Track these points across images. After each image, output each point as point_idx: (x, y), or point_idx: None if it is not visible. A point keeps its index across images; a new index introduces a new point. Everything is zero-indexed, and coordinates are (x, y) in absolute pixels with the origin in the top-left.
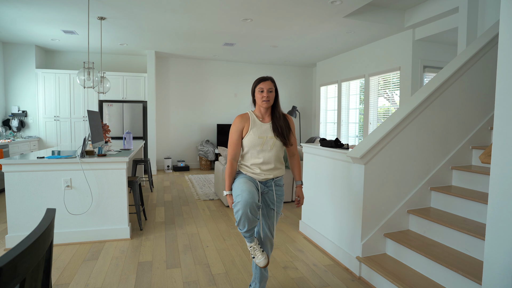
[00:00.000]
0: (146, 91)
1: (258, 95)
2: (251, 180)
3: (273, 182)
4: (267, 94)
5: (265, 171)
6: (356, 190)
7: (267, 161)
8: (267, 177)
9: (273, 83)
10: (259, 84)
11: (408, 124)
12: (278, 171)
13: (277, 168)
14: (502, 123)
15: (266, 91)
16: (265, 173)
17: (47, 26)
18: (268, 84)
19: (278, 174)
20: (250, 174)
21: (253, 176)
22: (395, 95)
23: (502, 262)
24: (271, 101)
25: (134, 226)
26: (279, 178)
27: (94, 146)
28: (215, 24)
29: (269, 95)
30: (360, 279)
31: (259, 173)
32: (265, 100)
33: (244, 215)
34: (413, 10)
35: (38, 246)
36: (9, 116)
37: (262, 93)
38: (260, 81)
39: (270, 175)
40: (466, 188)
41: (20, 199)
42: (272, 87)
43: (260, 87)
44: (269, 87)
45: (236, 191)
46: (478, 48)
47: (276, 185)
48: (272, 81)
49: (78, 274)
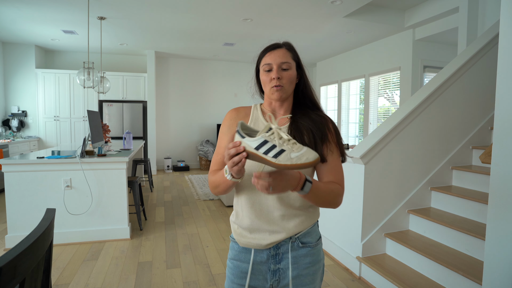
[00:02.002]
0: (146, 91)
1: (265, 77)
2: (251, 270)
3: (291, 244)
4: (278, 74)
5: (272, 224)
6: (356, 190)
7: (274, 204)
8: (276, 238)
9: (291, 52)
10: (265, 56)
11: (408, 124)
12: (300, 219)
13: (296, 215)
14: (502, 123)
15: (277, 68)
16: (270, 231)
17: (47, 26)
18: (280, 56)
19: (301, 227)
20: (247, 241)
21: (253, 245)
22: (395, 95)
23: (503, 262)
24: (287, 87)
25: (134, 226)
26: (304, 232)
27: (94, 146)
28: (215, 24)
29: (283, 76)
30: (360, 279)
31: (259, 232)
32: (275, 86)
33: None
34: (413, 10)
35: (38, 246)
36: (9, 116)
37: (269, 74)
38: (267, 51)
39: (281, 232)
40: (466, 188)
41: (20, 199)
42: (289, 61)
43: (267, 62)
44: (282, 60)
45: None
46: (478, 48)
47: (297, 248)
48: (289, 49)
49: (78, 274)
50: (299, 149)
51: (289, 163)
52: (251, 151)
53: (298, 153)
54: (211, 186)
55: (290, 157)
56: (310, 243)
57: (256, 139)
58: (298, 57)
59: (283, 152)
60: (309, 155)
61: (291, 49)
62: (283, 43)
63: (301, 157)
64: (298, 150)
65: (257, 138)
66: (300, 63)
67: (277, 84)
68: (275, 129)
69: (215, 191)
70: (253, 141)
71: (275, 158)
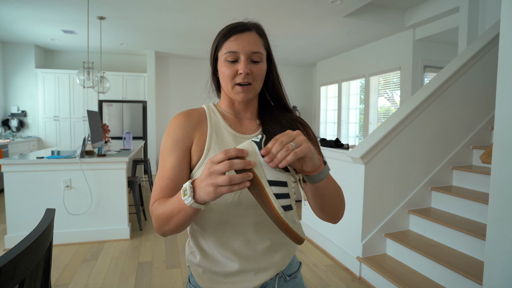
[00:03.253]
0: (146, 91)
1: (226, 69)
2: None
3: (277, 280)
4: (247, 68)
5: (256, 261)
6: (356, 190)
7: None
8: (264, 278)
9: (263, 38)
10: (229, 41)
11: (408, 124)
12: (285, 248)
13: (281, 244)
14: (502, 123)
15: (246, 59)
16: (255, 270)
17: (47, 26)
18: (251, 42)
19: (288, 258)
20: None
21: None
22: (396, 95)
23: (503, 263)
24: (257, 85)
25: (134, 226)
26: (290, 267)
27: (94, 146)
28: (215, 23)
29: (253, 71)
30: (361, 279)
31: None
32: (242, 85)
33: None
34: (413, 9)
35: (37, 247)
36: (8, 116)
37: (233, 65)
38: (231, 34)
39: (269, 269)
40: (467, 188)
41: (19, 199)
42: (260, 50)
43: (231, 49)
44: (253, 49)
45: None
46: (479, 48)
47: (284, 283)
48: (260, 34)
49: (78, 275)
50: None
51: (291, 225)
52: (259, 180)
53: (297, 219)
54: (158, 221)
55: (295, 220)
56: (294, 273)
57: (278, 174)
58: (269, 45)
59: (291, 210)
60: (301, 229)
61: (263, 33)
62: (252, 24)
63: (300, 227)
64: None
65: (281, 174)
66: (271, 53)
67: (245, 81)
68: (298, 182)
69: (164, 228)
70: (272, 172)
71: (284, 210)
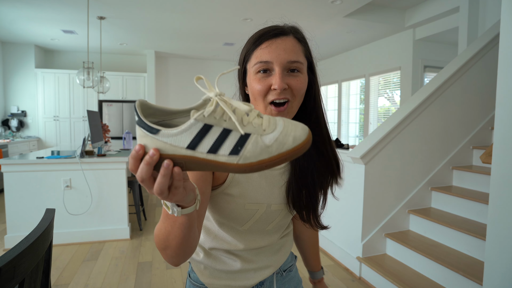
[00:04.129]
0: (146, 91)
1: (257, 83)
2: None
3: (275, 276)
4: (282, 82)
5: (258, 262)
6: (356, 190)
7: (256, 248)
8: (264, 275)
9: (303, 44)
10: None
11: (408, 124)
12: (285, 246)
13: (282, 244)
14: (503, 123)
15: (281, 70)
16: (255, 269)
17: (47, 26)
18: (287, 49)
19: (286, 255)
20: (225, 283)
21: (227, 286)
22: (396, 95)
23: (503, 263)
24: (295, 103)
25: (134, 226)
26: (286, 262)
27: (94, 146)
28: (215, 24)
29: (291, 84)
30: (361, 279)
31: (241, 273)
32: (276, 105)
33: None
34: (413, 9)
35: (37, 247)
36: (8, 116)
37: (265, 79)
38: (263, 39)
39: (269, 267)
40: (467, 188)
41: (19, 199)
42: (300, 59)
43: (263, 58)
44: (290, 58)
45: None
46: (479, 48)
47: (280, 277)
48: (299, 39)
49: (78, 275)
50: (273, 123)
51: (266, 156)
52: (181, 155)
53: (274, 132)
54: (159, 244)
55: (264, 145)
56: (290, 266)
57: (186, 129)
58: (310, 53)
59: (247, 140)
60: (294, 129)
61: (302, 39)
62: (289, 27)
63: (284, 139)
64: (272, 126)
65: (187, 125)
66: (312, 63)
67: (281, 98)
68: (219, 99)
69: (167, 252)
70: (180, 134)
71: (235, 155)
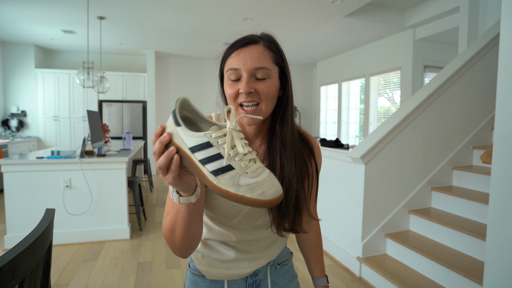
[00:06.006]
0: (146, 91)
1: (229, 88)
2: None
3: (269, 268)
4: (248, 86)
5: (253, 253)
6: (356, 190)
7: (249, 240)
8: (257, 265)
9: (272, 51)
10: (232, 57)
11: (408, 124)
12: (279, 240)
13: (277, 238)
14: (503, 123)
15: (248, 76)
16: (249, 259)
17: (47, 26)
18: (254, 57)
19: (280, 248)
20: (220, 271)
21: (228, 276)
22: (396, 95)
23: (503, 263)
24: (264, 107)
25: (134, 227)
26: (280, 256)
27: (94, 146)
28: (215, 24)
29: (258, 89)
30: (361, 279)
31: (235, 261)
32: (244, 106)
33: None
34: (413, 9)
35: (37, 247)
36: (8, 116)
37: (235, 84)
38: (234, 48)
39: (262, 258)
40: (467, 188)
41: (19, 199)
42: (267, 65)
43: (233, 65)
44: (256, 64)
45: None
46: (479, 48)
47: (275, 270)
48: (268, 47)
49: (78, 275)
50: (257, 172)
51: (232, 190)
52: (183, 150)
53: (253, 179)
54: (166, 234)
55: (237, 183)
56: (285, 261)
57: (196, 136)
58: (282, 59)
59: (229, 171)
60: (268, 187)
61: (273, 45)
62: (261, 35)
63: (254, 188)
64: (254, 173)
65: (198, 135)
66: (284, 68)
67: (248, 100)
68: (229, 131)
69: (174, 240)
70: (190, 137)
71: (213, 175)
